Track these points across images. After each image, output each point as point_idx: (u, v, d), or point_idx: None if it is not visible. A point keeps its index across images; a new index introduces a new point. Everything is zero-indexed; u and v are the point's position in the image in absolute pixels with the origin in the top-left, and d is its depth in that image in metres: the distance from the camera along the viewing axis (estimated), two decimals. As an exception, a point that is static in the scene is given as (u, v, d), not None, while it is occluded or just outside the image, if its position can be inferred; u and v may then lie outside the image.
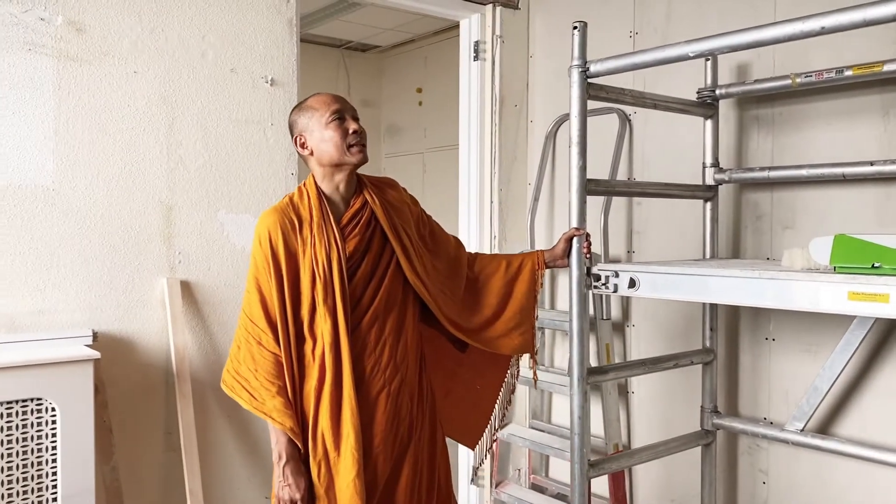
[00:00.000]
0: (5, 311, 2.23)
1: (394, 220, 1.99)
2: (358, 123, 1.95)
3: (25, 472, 2.09)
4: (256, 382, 1.86)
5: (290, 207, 1.94)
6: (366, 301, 1.92)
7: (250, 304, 1.90)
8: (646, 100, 2.35)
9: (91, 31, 2.36)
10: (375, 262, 1.95)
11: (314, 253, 1.87)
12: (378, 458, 1.91)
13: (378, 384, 1.91)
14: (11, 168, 2.24)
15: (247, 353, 1.88)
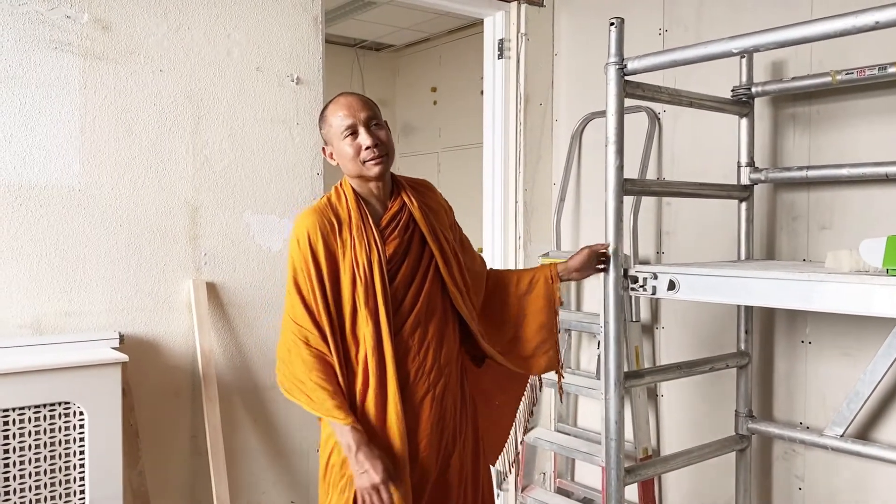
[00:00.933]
0: (31, 314, 2.20)
1: (432, 223, 1.94)
2: (372, 134, 1.85)
3: (53, 477, 2.05)
4: (311, 384, 1.79)
5: (328, 208, 1.89)
6: (408, 304, 1.88)
7: (293, 305, 1.85)
8: (682, 98, 2.30)
9: (117, 29, 2.33)
10: (415, 265, 1.91)
11: (354, 255, 1.83)
12: (424, 463, 1.87)
13: (422, 389, 1.87)
14: (37, 168, 2.21)
15: (297, 357, 1.82)
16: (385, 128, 1.90)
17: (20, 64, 2.17)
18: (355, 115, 1.86)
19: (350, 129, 1.86)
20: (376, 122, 1.88)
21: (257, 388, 2.60)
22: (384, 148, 1.87)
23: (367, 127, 1.86)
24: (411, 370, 1.87)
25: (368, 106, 1.89)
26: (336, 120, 1.87)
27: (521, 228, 3.33)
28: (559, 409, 3.32)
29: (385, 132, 1.89)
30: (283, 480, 2.66)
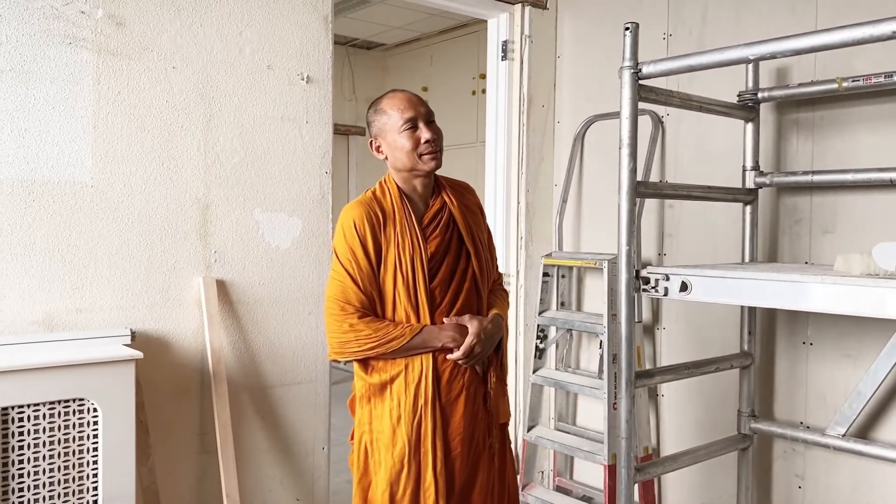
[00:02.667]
0: (43, 310, 2.19)
1: (470, 225, 1.98)
2: (431, 129, 1.91)
3: (67, 473, 2.05)
4: (381, 332, 1.86)
5: (374, 201, 1.94)
6: (447, 303, 1.92)
7: (344, 290, 1.89)
8: (692, 102, 2.34)
9: (131, 26, 2.32)
10: (454, 265, 1.95)
11: (398, 251, 1.87)
12: (456, 461, 1.89)
13: (457, 387, 1.90)
14: (50, 164, 2.19)
15: (362, 327, 1.87)
16: (438, 127, 1.96)
17: (34, 59, 2.16)
18: (416, 110, 1.91)
19: (411, 123, 1.90)
20: (433, 119, 1.95)
21: (265, 385, 2.61)
22: (440, 143, 1.93)
23: (426, 122, 1.92)
24: (448, 367, 1.89)
25: (424, 103, 1.95)
26: (396, 113, 1.91)
27: (523, 229, 3.36)
28: (559, 407, 3.36)
29: (439, 130, 1.95)
30: (290, 477, 2.67)
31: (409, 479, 1.87)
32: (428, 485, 1.86)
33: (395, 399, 1.89)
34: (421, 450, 1.87)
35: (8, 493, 1.95)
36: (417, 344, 1.86)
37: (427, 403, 1.86)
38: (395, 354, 1.87)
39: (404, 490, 1.87)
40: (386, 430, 1.89)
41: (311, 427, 2.71)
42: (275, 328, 2.62)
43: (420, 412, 1.86)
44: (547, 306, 3.27)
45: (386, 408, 1.90)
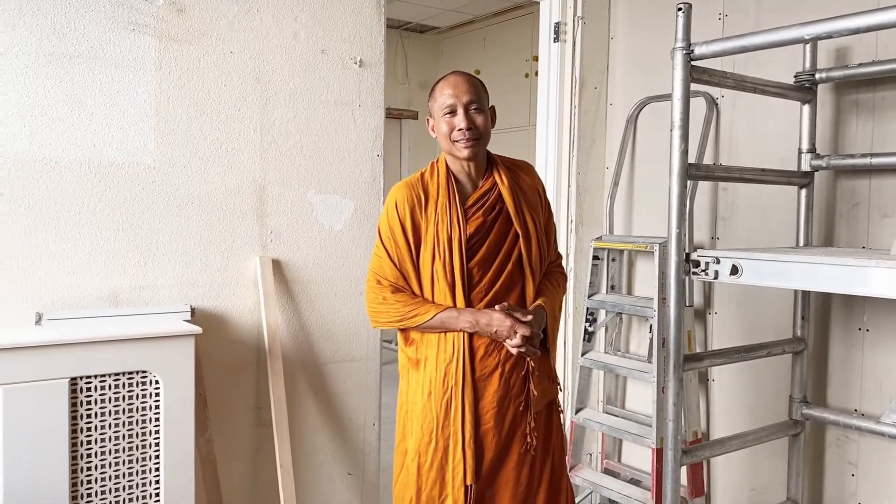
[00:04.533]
0: (109, 286, 2.29)
1: (520, 204, 2.01)
2: (468, 117, 1.94)
3: (131, 441, 2.15)
4: (407, 308, 1.96)
5: (419, 183, 2.00)
6: (486, 282, 1.95)
7: (381, 266, 2.00)
8: (746, 84, 2.31)
9: (191, 12, 2.39)
10: (498, 245, 1.97)
11: (437, 231, 1.92)
12: (486, 436, 1.94)
13: (491, 364, 1.94)
14: (115, 146, 2.29)
15: (393, 302, 1.98)
16: (484, 113, 1.98)
17: (100, 44, 2.25)
18: (458, 97, 1.95)
19: (450, 109, 1.96)
20: (476, 107, 1.96)
21: (318, 362, 2.68)
22: (476, 133, 1.96)
23: (466, 109, 1.95)
24: (482, 344, 1.94)
25: (473, 90, 1.97)
26: (440, 97, 1.97)
27: (574, 212, 3.35)
28: (608, 391, 3.36)
29: (483, 118, 1.98)
30: (341, 451, 2.74)
31: (437, 452, 1.95)
32: (457, 461, 1.92)
33: (427, 375, 1.97)
34: (450, 427, 1.93)
35: (77, 458, 2.06)
36: (436, 324, 1.94)
37: (458, 383, 1.93)
38: (419, 329, 1.97)
39: (431, 462, 1.96)
40: (418, 402, 1.98)
41: (362, 403, 2.78)
42: (327, 307, 2.69)
43: (450, 391, 1.93)
44: (597, 289, 3.26)
45: (419, 381, 2.00)
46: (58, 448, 2.02)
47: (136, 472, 2.16)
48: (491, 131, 2.04)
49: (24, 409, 1.96)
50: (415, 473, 1.98)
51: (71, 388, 2.04)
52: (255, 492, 2.57)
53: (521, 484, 1.98)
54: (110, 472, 2.12)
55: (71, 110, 2.21)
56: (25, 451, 1.97)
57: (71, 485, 2.04)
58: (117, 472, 2.13)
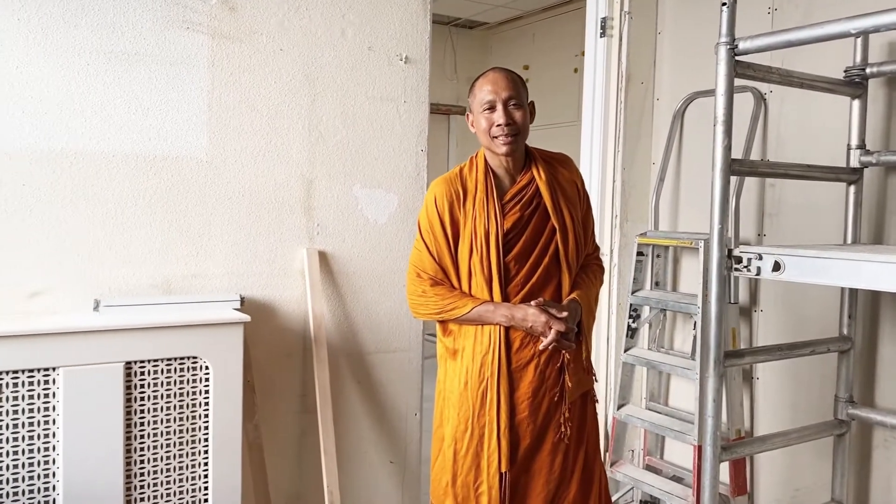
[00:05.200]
0: (164, 274, 2.39)
1: (558, 199, 2.03)
2: (507, 113, 1.97)
3: (181, 424, 2.24)
4: (446, 301, 2.01)
5: (458, 179, 2.04)
6: (522, 276, 1.99)
7: (420, 259, 2.07)
8: (792, 79, 2.28)
9: (242, 10, 2.47)
10: (535, 239, 2.01)
11: (474, 226, 1.96)
12: (521, 426, 1.98)
13: (527, 356, 1.98)
14: (169, 141, 2.38)
15: (432, 295, 2.04)
16: (523, 109, 2.01)
17: (156, 43, 2.34)
18: (497, 93, 1.98)
19: (489, 105, 1.99)
20: (515, 103, 1.99)
21: (362, 352, 2.74)
22: (515, 128, 1.99)
23: (504, 105, 1.98)
24: (518, 336, 1.98)
25: (512, 86, 1.99)
26: (480, 93, 2.01)
27: (618, 208, 3.35)
28: (651, 387, 3.35)
29: (522, 113, 2.00)
30: (383, 440, 2.80)
31: (472, 439, 2.00)
32: (492, 449, 1.97)
33: (464, 365, 2.02)
34: (486, 416, 1.98)
35: (130, 438, 2.16)
36: (474, 317, 1.98)
37: (493, 374, 1.97)
38: (457, 322, 2.02)
39: (467, 449, 2.01)
40: (455, 390, 2.03)
41: (404, 393, 2.84)
42: (371, 298, 2.75)
43: (486, 381, 1.98)
44: (640, 286, 3.26)
45: (456, 371, 2.04)
46: (113, 429, 2.12)
47: (185, 454, 2.25)
48: (529, 127, 2.06)
49: (83, 390, 2.07)
50: (451, 459, 2.03)
51: (126, 372, 2.14)
52: (300, 476, 2.65)
53: (555, 471, 2.01)
54: (161, 452, 2.21)
55: (128, 106, 2.31)
56: (83, 431, 2.07)
57: (125, 463, 2.14)
58: (168, 454, 2.22)
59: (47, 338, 2.03)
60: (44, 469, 2.05)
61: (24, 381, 2.02)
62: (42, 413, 2.04)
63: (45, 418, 2.05)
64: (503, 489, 1.97)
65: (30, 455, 2.03)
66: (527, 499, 2.01)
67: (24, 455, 2.02)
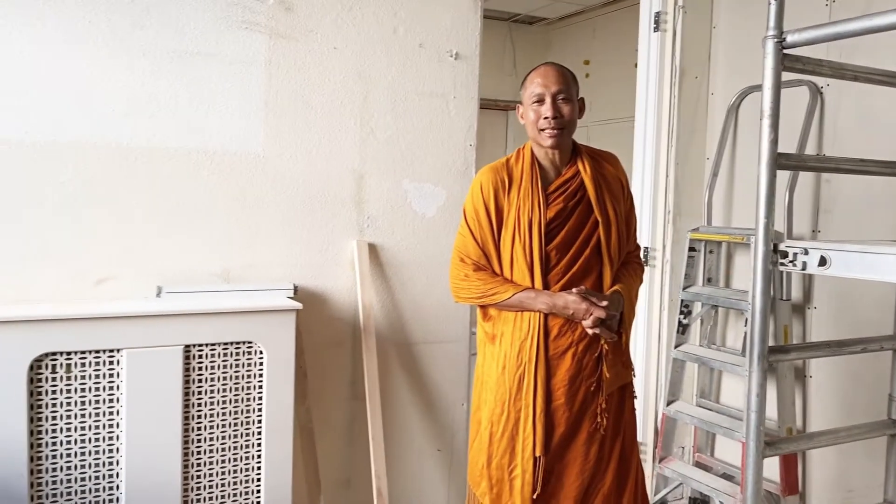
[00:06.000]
0: (222, 264, 2.50)
1: (602, 193, 2.07)
2: (555, 107, 2.02)
3: (237, 406, 2.35)
4: (488, 286, 2.07)
5: (504, 168, 2.11)
6: (563, 265, 2.04)
7: (465, 245, 2.13)
8: (845, 72, 2.23)
9: (298, 10, 2.56)
10: (577, 230, 2.05)
11: (518, 214, 2.02)
12: (556, 412, 2.02)
13: (565, 343, 2.02)
14: (228, 136, 2.49)
15: (475, 279, 2.09)
16: (572, 104, 2.06)
17: (216, 42, 2.46)
18: (546, 86, 2.04)
19: (538, 98, 2.05)
20: (564, 97, 2.04)
21: (410, 342, 2.81)
22: (561, 122, 2.04)
23: (553, 99, 2.03)
24: (557, 324, 2.02)
25: (562, 80, 2.05)
26: (531, 86, 2.07)
27: (671, 203, 3.33)
28: (702, 384, 3.32)
29: (570, 108, 2.05)
30: (431, 429, 2.87)
31: (508, 422, 2.04)
32: (527, 433, 2.01)
33: (502, 350, 2.07)
34: (522, 401, 2.02)
35: (189, 418, 2.28)
36: (514, 303, 2.03)
37: (531, 360, 2.01)
38: (497, 307, 2.07)
39: (502, 432, 2.05)
40: (493, 374, 2.08)
41: (450, 383, 2.90)
42: (420, 290, 2.81)
43: (524, 366, 2.02)
44: (692, 282, 3.24)
45: (494, 355, 2.09)
46: (172, 409, 2.23)
47: (240, 434, 2.36)
48: (577, 122, 2.10)
49: (144, 371, 2.19)
50: (486, 441, 2.08)
51: (185, 355, 2.25)
52: (349, 461, 2.73)
53: (590, 461, 2.04)
54: (217, 433, 2.32)
55: (190, 103, 2.43)
56: (144, 410, 2.20)
57: (182, 443, 2.26)
58: (223, 434, 2.33)
59: (112, 321, 2.16)
60: (108, 445, 2.18)
61: (91, 362, 2.15)
62: (107, 392, 2.17)
63: (110, 397, 2.18)
64: (536, 474, 2.02)
65: (95, 431, 2.16)
66: (561, 487, 2.05)
67: (91, 431, 2.16)
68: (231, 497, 2.35)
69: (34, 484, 2.11)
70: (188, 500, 2.29)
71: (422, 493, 2.87)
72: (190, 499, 2.29)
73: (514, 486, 2.05)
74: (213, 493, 2.32)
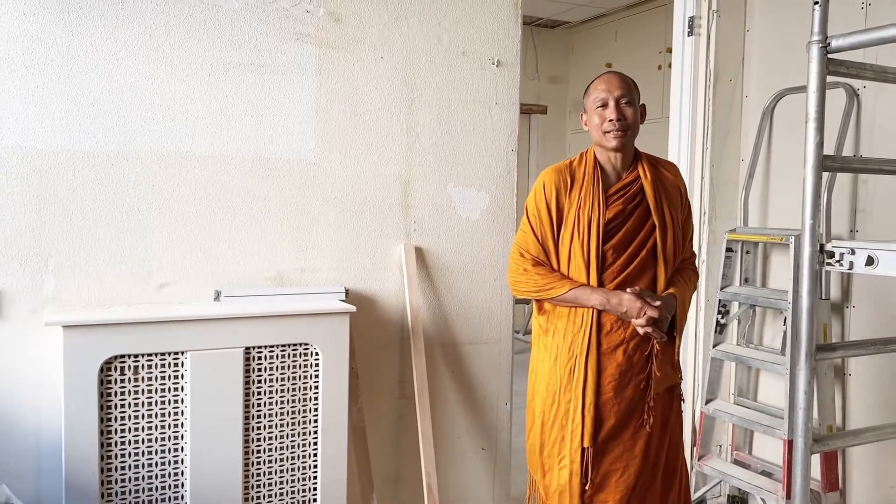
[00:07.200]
0: (276, 268, 2.58)
1: (660, 198, 2.14)
2: (619, 110, 2.10)
3: (294, 405, 2.42)
4: (545, 281, 2.14)
5: (567, 169, 2.19)
6: (619, 265, 2.10)
7: (525, 240, 2.21)
8: (888, 74, 2.28)
9: (346, 21, 2.64)
10: (634, 232, 2.12)
11: (578, 213, 2.10)
12: (605, 406, 2.09)
13: (616, 339, 2.09)
14: (281, 144, 2.57)
15: (533, 274, 2.17)
16: (634, 108, 2.15)
17: (269, 53, 2.54)
18: (610, 91, 2.12)
19: (602, 102, 2.13)
20: (627, 101, 2.13)
21: (455, 343, 2.88)
22: (625, 124, 2.12)
23: (616, 103, 2.12)
24: (609, 320, 2.10)
25: (624, 86, 2.14)
26: (594, 92, 2.16)
27: (707, 205, 3.38)
28: (739, 383, 3.37)
29: (633, 112, 2.14)
30: (475, 428, 2.93)
31: (558, 412, 2.13)
32: (576, 424, 2.09)
33: (555, 342, 2.15)
34: (571, 392, 2.10)
35: (249, 418, 2.36)
36: (570, 298, 2.10)
37: (582, 353, 2.09)
38: (553, 302, 2.15)
39: (553, 421, 2.14)
40: (546, 365, 2.17)
41: (494, 383, 2.96)
42: (464, 291, 2.88)
43: (575, 359, 2.10)
44: (729, 282, 3.28)
45: (547, 346, 2.18)
46: (233, 408, 2.31)
47: (297, 433, 2.43)
48: (639, 127, 2.18)
49: (207, 373, 2.27)
50: (539, 430, 2.18)
51: (245, 357, 2.33)
52: (398, 459, 2.80)
53: (636, 458, 2.11)
54: (276, 432, 2.40)
55: (244, 112, 2.51)
56: (208, 410, 2.27)
57: (243, 441, 2.34)
58: (282, 434, 2.41)
59: (178, 324, 2.24)
60: (173, 444, 2.26)
61: (157, 364, 2.23)
62: (172, 393, 2.25)
63: (175, 398, 2.26)
64: (585, 465, 2.08)
65: (161, 431, 2.25)
66: (607, 482, 2.11)
67: (157, 430, 2.24)
68: (289, 494, 2.42)
69: (104, 482, 2.19)
70: (249, 496, 2.36)
71: (468, 490, 2.94)
72: (251, 495, 2.36)
73: (563, 475, 2.12)
74: (272, 490, 2.39)
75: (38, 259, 2.27)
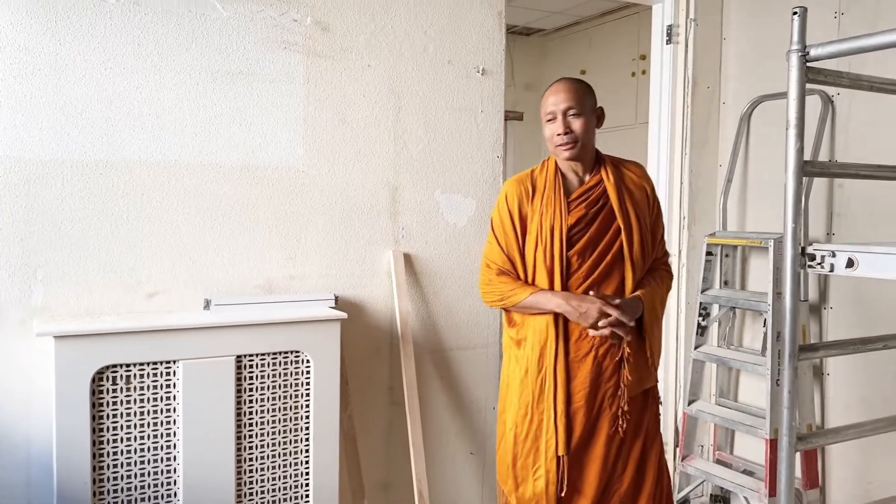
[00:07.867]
0: (265, 275, 2.58)
1: (624, 200, 2.16)
2: (565, 123, 2.12)
3: (286, 413, 2.43)
4: (508, 288, 2.18)
5: (528, 178, 2.22)
6: (584, 270, 2.13)
7: (491, 251, 2.24)
8: (862, 82, 2.36)
9: (334, 30, 2.66)
10: (598, 236, 2.14)
11: (540, 221, 2.13)
12: (576, 414, 2.12)
13: (585, 347, 2.12)
14: (269, 152, 2.58)
15: (497, 284, 2.20)
16: (585, 116, 2.14)
17: (257, 62, 2.55)
18: (557, 104, 2.14)
19: (551, 115, 2.16)
20: (574, 112, 2.13)
21: (443, 348, 2.90)
22: (573, 136, 2.13)
23: (563, 116, 2.13)
24: (577, 328, 2.12)
25: (572, 97, 2.13)
26: (544, 105, 2.18)
27: (686, 209, 3.44)
28: (720, 384, 3.43)
29: (581, 122, 2.13)
30: (464, 432, 2.96)
31: (532, 424, 2.15)
32: (550, 434, 2.11)
33: (525, 354, 2.17)
34: (543, 403, 2.12)
35: (241, 426, 2.36)
36: (531, 303, 2.13)
37: (551, 364, 2.11)
38: (515, 309, 2.18)
39: (526, 433, 2.16)
40: (517, 377, 2.19)
41: (481, 387, 2.99)
42: (452, 297, 2.91)
43: (544, 370, 2.12)
44: (710, 285, 3.35)
45: (517, 359, 2.20)
46: (226, 417, 2.31)
47: (289, 441, 2.43)
48: (595, 132, 2.21)
49: (200, 381, 2.27)
50: (511, 442, 2.18)
51: (237, 365, 2.33)
52: (388, 465, 2.81)
53: (609, 462, 2.14)
54: (268, 440, 2.40)
55: (233, 121, 2.52)
56: (200, 419, 2.27)
57: (236, 450, 2.34)
58: (273, 441, 2.41)
59: (170, 333, 2.24)
60: (165, 453, 2.25)
61: (149, 373, 2.22)
62: (164, 402, 2.25)
63: (167, 406, 2.25)
64: (560, 473, 2.11)
65: (154, 440, 2.24)
66: (580, 487, 2.14)
67: (149, 439, 2.23)
68: (282, 501, 2.42)
69: (96, 493, 2.18)
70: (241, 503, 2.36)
71: (457, 494, 2.96)
72: (243, 502, 2.36)
73: (538, 485, 2.14)
74: (264, 497, 2.40)
75: (27, 269, 2.25)
